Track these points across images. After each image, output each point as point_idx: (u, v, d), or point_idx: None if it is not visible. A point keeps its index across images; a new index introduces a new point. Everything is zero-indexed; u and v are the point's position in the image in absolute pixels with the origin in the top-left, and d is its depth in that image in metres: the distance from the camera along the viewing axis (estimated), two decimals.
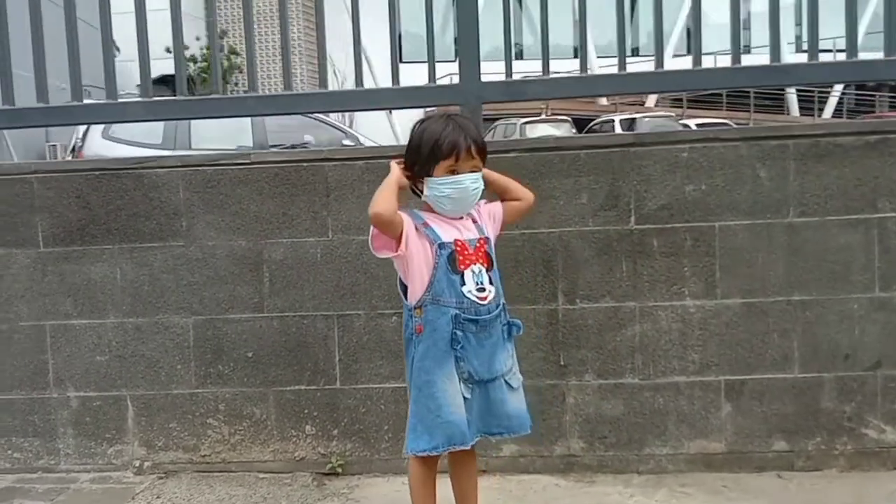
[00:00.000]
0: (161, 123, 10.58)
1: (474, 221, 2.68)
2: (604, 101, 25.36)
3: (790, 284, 3.33)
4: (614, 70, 3.52)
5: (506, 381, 2.63)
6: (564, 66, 3.73)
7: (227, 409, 3.48)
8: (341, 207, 3.37)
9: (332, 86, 3.72)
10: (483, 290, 2.57)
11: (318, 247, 3.41)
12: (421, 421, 2.56)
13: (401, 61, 3.64)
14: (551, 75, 3.51)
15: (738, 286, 3.34)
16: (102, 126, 10.82)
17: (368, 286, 3.39)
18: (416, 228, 2.58)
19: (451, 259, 2.56)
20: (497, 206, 2.77)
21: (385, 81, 3.69)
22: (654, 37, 3.38)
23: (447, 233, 2.59)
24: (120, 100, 3.62)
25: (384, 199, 2.53)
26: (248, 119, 10.85)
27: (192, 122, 10.75)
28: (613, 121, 20.06)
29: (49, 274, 3.51)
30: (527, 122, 19.67)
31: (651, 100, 25.97)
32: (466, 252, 2.58)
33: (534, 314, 3.38)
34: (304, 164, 3.40)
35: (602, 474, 3.42)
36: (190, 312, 3.47)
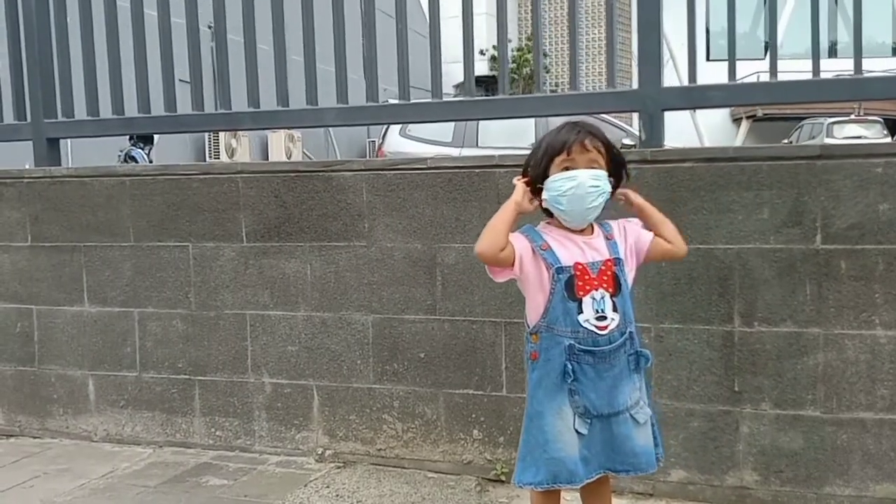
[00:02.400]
0: (452, 122, 12.00)
1: (608, 238, 2.77)
2: None
3: None
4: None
5: (632, 416, 2.72)
6: (878, 65, 3.90)
7: (400, 406, 4.09)
8: None
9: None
10: (604, 318, 2.67)
11: None
12: (530, 452, 2.73)
13: (707, 59, 4.01)
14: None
15: None
16: (400, 125, 12.52)
17: None
18: (533, 251, 2.72)
19: (569, 285, 2.67)
20: (647, 235, 2.85)
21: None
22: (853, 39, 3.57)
23: (568, 254, 2.70)
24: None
25: (491, 235, 2.68)
26: (532, 119, 11.95)
27: (481, 121, 12.03)
28: None
29: (250, 267, 4.29)
30: (834, 123, 19.14)
31: None
32: (587, 277, 2.68)
33: (707, 335, 3.68)
34: (476, 171, 3.91)
35: None
36: (369, 311, 4.10)
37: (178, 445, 4.48)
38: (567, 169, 2.69)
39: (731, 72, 3.71)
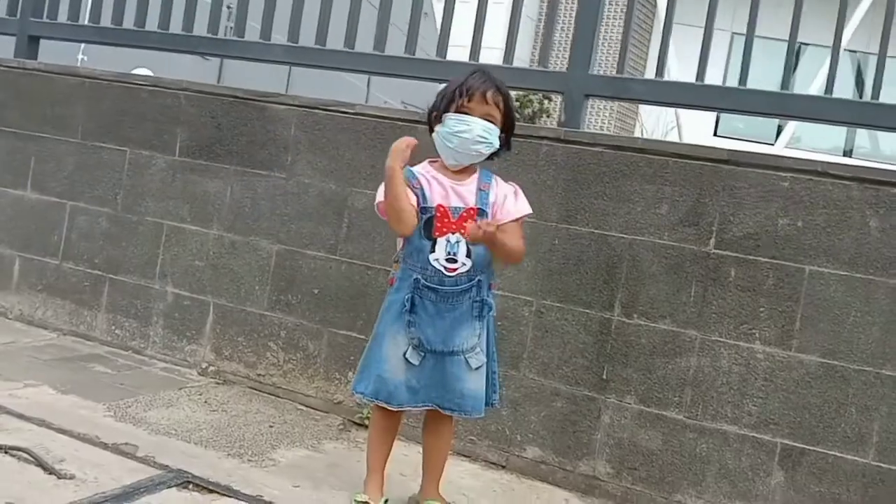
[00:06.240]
0: None
1: (482, 188, 2.27)
2: None
3: (883, 356, 2.52)
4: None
5: (466, 359, 2.26)
6: None
7: (287, 336, 3.25)
8: None
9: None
10: (454, 261, 2.22)
11: None
12: (367, 367, 2.31)
13: (715, 135, 3.28)
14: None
15: (819, 343, 2.59)
16: None
17: None
18: (409, 186, 2.24)
19: (427, 224, 2.22)
20: (508, 218, 2.27)
21: None
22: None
23: (435, 196, 2.24)
24: None
25: (405, 217, 2.20)
26: None
27: None
28: None
29: (177, 180, 3.47)
30: None
31: None
32: (446, 220, 2.22)
33: (586, 319, 2.86)
34: (399, 123, 3.09)
35: None
36: (276, 240, 3.28)
37: (80, 336, 3.64)
38: (464, 113, 2.22)
39: (659, 69, 2.92)
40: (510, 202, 2.32)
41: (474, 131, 2.20)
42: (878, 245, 2.53)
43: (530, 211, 2.37)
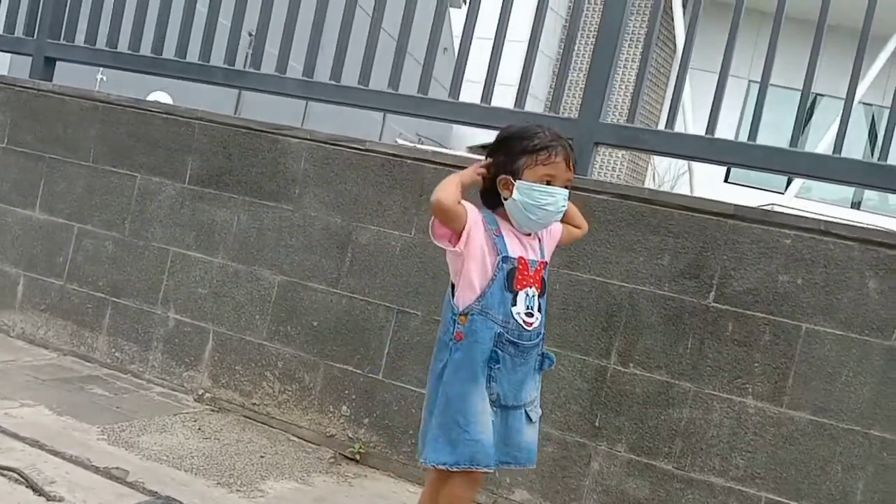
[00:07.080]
0: None
1: (539, 241, 2.18)
2: None
3: (873, 416, 2.48)
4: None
5: (527, 412, 2.15)
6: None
7: (283, 367, 3.20)
8: (429, 209, 3.07)
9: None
10: (532, 315, 2.10)
11: (400, 241, 3.08)
12: (445, 433, 2.05)
13: (726, 181, 3.27)
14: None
15: (810, 400, 2.55)
16: None
17: (432, 289, 3.00)
18: (486, 231, 2.08)
19: (510, 276, 2.07)
20: (557, 227, 2.25)
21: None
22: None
23: (514, 247, 2.10)
24: None
25: (451, 188, 2.03)
26: None
27: None
28: None
29: (185, 207, 3.44)
30: None
31: None
32: (526, 272, 2.09)
33: (581, 366, 2.83)
34: (408, 161, 3.09)
35: None
36: (279, 271, 3.25)
37: (80, 357, 3.59)
38: (548, 181, 2.07)
39: (671, 121, 2.92)
40: (550, 228, 2.25)
41: (559, 203, 2.09)
42: (876, 306, 2.51)
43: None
